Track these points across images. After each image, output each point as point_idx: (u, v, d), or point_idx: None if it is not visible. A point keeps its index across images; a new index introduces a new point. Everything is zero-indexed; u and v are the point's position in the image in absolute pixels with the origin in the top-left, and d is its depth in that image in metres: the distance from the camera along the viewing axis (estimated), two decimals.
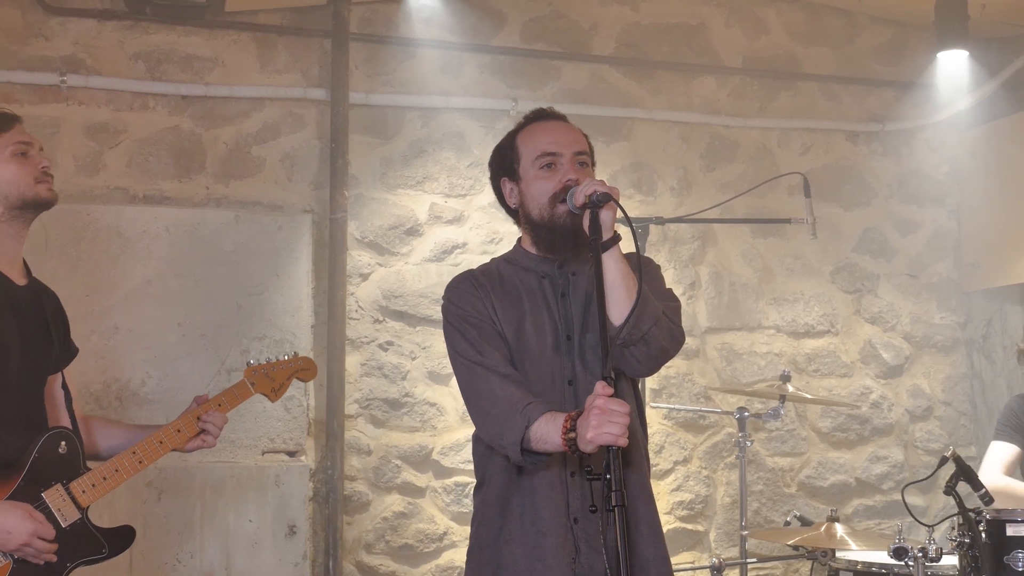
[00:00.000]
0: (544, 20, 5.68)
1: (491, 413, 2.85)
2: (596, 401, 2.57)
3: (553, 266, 3.04)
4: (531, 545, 2.86)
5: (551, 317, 2.99)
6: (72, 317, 4.75)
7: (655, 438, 5.59)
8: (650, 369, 2.94)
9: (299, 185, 5.27)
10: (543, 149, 3.02)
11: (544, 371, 2.94)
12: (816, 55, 6.07)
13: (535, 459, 2.80)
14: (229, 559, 4.81)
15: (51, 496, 3.10)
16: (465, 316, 2.97)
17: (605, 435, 2.54)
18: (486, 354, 2.91)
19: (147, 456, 3.28)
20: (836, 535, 4.33)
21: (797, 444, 5.83)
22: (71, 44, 5.06)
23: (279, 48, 5.31)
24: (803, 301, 5.90)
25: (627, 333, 2.80)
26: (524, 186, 3.04)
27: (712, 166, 5.84)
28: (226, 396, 3.49)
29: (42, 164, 3.24)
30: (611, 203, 2.84)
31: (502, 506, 2.93)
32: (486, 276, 3.07)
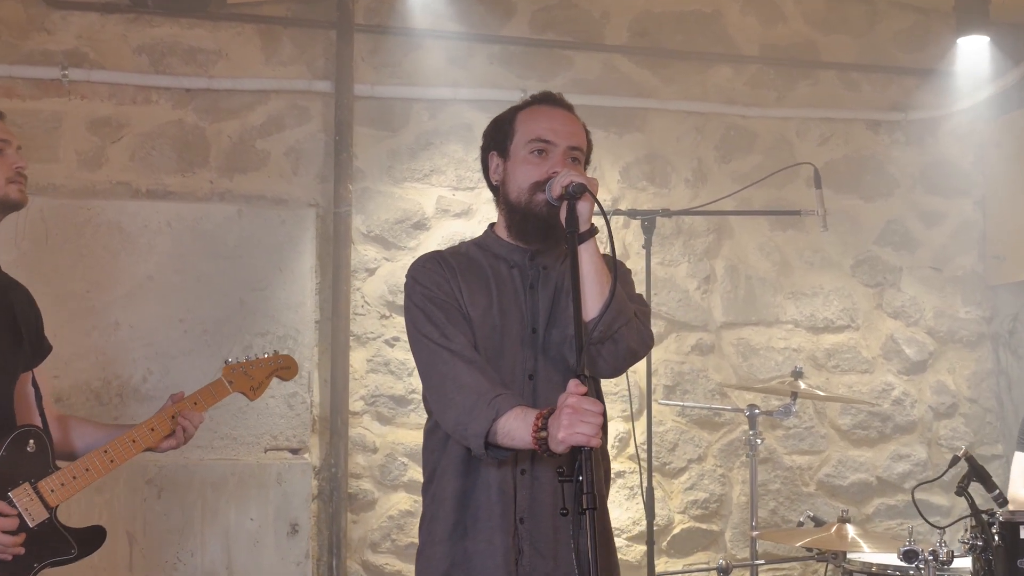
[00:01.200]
0: (554, 9, 5.56)
1: (455, 401, 2.74)
2: (569, 400, 2.47)
3: (524, 256, 2.93)
4: (486, 542, 2.77)
5: (518, 308, 2.88)
6: (72, 313, 4.75)
7: (668, 435, 5.48)
8: (616, 370, 2.82)
9: (304, 179, 5.20)
10: (538, 134, 2.91)
11: (505, 363, 2.83)
12: (835, 43, 5.91)
13: (498, 453, 2.70)
14: (230, 558, 4.75)
15: (18, 495, 3.05)
16: (431, 297, 2.86)
17: (577, 435, 2.43)
18: (452, 337, 2.80)
19: (119, 455, 3.22)
20: (847, 536, 4.20)
21: (816, 442, 5.69)
22: (74, 38, 5.01)
23: (284, 40, 5.24)
24: (822, 295, 5.75)
25: (598, 330, 2.69)
26: (510, 165, 2.94)
27: (728, 157, 5.71)
28: (202, 394, 3.42)
29: (16, 164, 3.18)
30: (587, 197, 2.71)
31: (459, 501, 2.82)
32: (454, 257, 2.96)
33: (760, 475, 5.54)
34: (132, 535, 4.65)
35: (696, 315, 5.58)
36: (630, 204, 5.47)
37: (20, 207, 3.24)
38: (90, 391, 4.73)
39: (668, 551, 5.45)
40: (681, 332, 5.56)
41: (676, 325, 5.56)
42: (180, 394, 3.40)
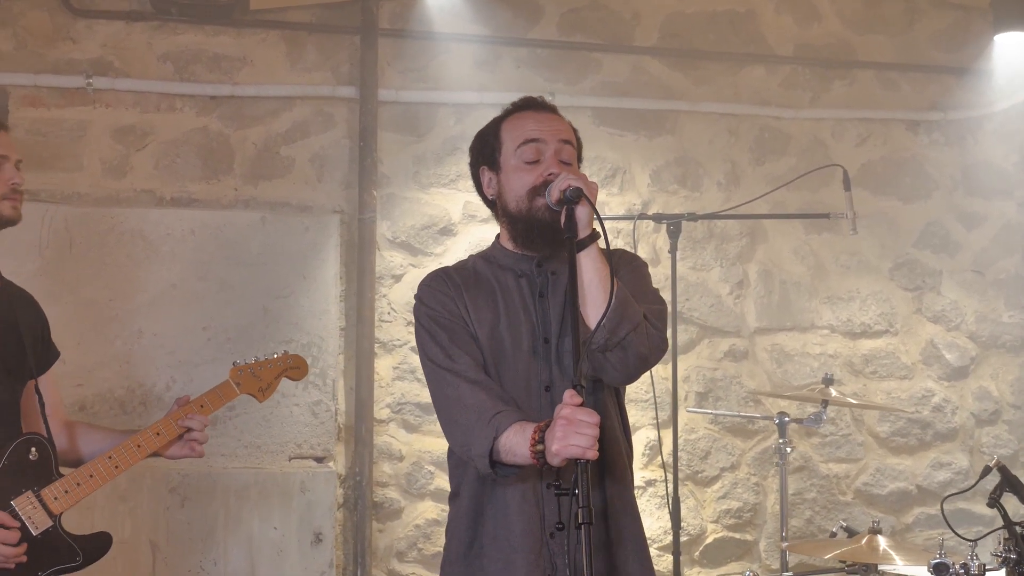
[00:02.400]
0: (583, 11, 5.49)
1: (459, 422, 2.69)
2: (562, 411, 2.40)
3: (532, 264, 2.86)
4: (503, 561, 2.70)
5: (528, 319, 2.81)
6: (96, 321, 4.75)
7: (701, 443, 5.38)
8: (627, 377, 2.74)
9: (329, 185, 5.16)
10: (525, 136, 2.83)
11: (519, 376, 2.76)
12: (872, 42, 5.78)
13: (506, 471, 2.63)
14: (254, 567, 4.72)
15: (21, 503, 3.02)
16: (435, 317, 2.81)
17: (572, 447, 2.36)
18: (456, 358, 2.75)
19: (123, 461, 3.19)
20: (879, 548, 4.07)
21: (853, 450, 5.56)
22: (99, 46, 5.02)
23: (308, 46, 5.21)
24: (859, 299, 5.62)
25: (604, 338, 2.61)
26: (503, 177, 2.87)
27: (762, 159, 5.60)
28: (209, 397, 3.37)
29: (12, 181, 3.16)
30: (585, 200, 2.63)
31: (473, 519, 2.77)
32: (460, 274, 2.90)
33: (796, 484, 5.44)
34: (155, 543, 4.64)
35: (729, 320, 5.47)
36: (661, 208, 5.39)
37: (13, 223, 3.23)
38: (114, 399, 4.72)
39: (700, 561, 5.35)
40: (713, 338, 5.46)
41: (708, 331, 5.45)
42: (186, 398, 3.36)
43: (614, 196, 5.40)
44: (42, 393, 3.21)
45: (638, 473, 5.26)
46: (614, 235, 5.25)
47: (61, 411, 3.39)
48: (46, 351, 3.37)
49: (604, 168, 5.40)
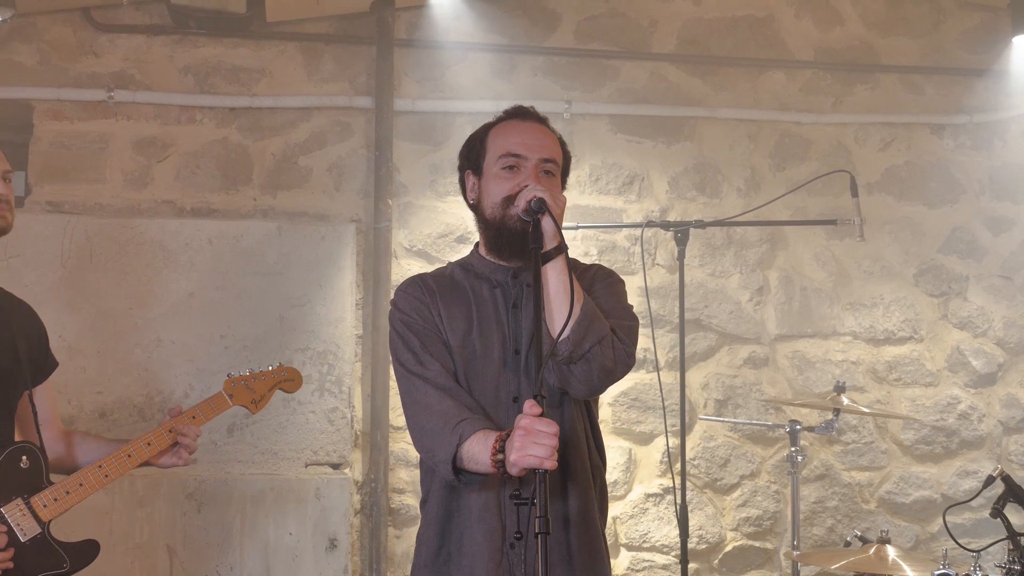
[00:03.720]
0: (600, 18, 5.50)
1: (425, 427, 2.71)
2: (521, 421, 2.41)
3: (507, 275, 2.88)
4: (468, 568, 2.72)
5: (500, 329, 2.83)
6: (116, 330, 4.84)
7: (720, 451, 5.35)
8: (591, 390, 2.74)
9: (346, 195, 5.22)
10: (508, 149, 2.87)
11: (488, 385, 2.79)
12: (896, 45, 5.72)
13: (469, 478, 2.65)
14: (269, 572, 4.77)
15: (10, 510, 3.10)
16: (409, 323, 2.84)
17: (529, 457, 2.38)
18: (427, 364, 2.78)
19: (113, 470, 3.25)
20: (887, 558, 4.03)
21: (876, 457, 5.49)
22: (120, 60, 5.12)
23: (326, 57, 5.27)
24: (883, 306, 5.56)
25: (568, 350, 2.62)
26: (484, 183, 2.91)
27: (782, 165, 5.56)
28: (201, 408, 3.44)
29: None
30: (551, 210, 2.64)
31: (441, 526, 2.79)
32: (436, 281, 2.93)
33: (817, 492, 5.39)
34: (172, 548, 4.71)
35: (749, 327, 5.44)
36: (680, 215, 5.38)
37: (3, 233, 3.29)
38: (133, 407, 4.80)
39: (720, 569, 5.32)
40: (733, 345, 5.43)
41: (728, 338, 5.43)
42: (178, 408, 3.43)
43: (632, 203, 5.40)
44: (37, 403, 3.29)
45: (655, 481, 5.27)
46: (631, 242, 5.26)
47: (58, 421, 3.46)
48: (43, 362, 3.44)
49: (621, 175, 5.40)
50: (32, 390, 3.30)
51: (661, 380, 4.92)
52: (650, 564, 5.24)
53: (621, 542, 5.25)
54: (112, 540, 4.64)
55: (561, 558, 2.73)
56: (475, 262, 2.96)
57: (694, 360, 5.38)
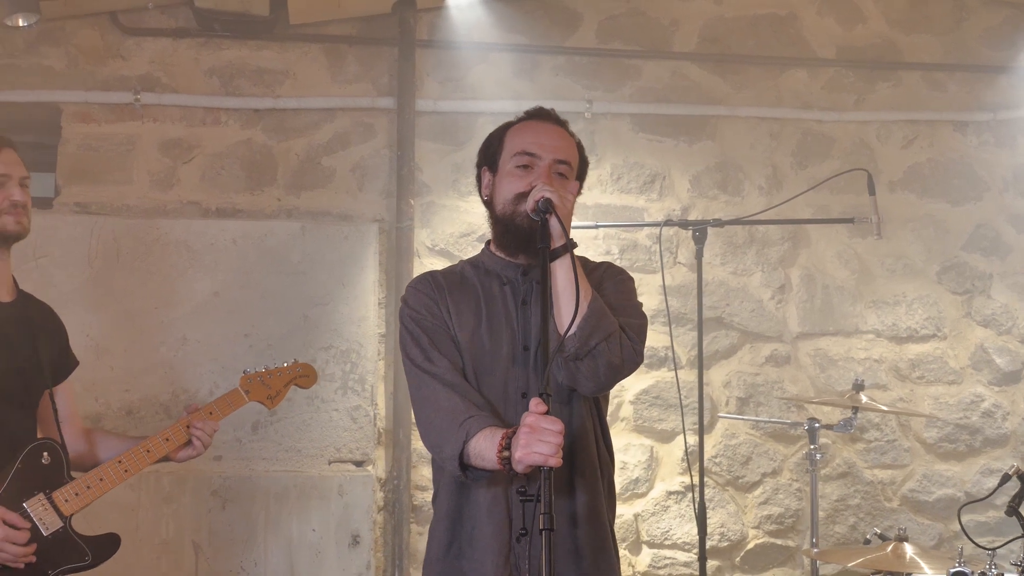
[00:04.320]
0: (621, 18, 5.52)
1: (433, 423, 2.76)
2: (527, 419, 2.45)
3: (517, 272, 2.92)
4: (477, 562, 2.76)
5: (509, 326, 2.86)
6: (142, 329, 4.92)
7: (741, 448, 5.36)
8: (598, 386, 2.77)
9: (369, 195, 5.27)
10: (523, 147, 2.91)
11: (497, 382, 2.82)
12: (919, 42, 5.71)
13: (477, 474, 2.69)
14: (293, 568, 4.84)
15: (33, 505, 3.17)
16: (418, 319, 2.89)
17: (534, 455, 2.41)
18: (435, 361, 2.82)
19: (133, 465, 3.32)
20: (905, 556, 4.03)
21: (899, 455, 5.49)
22: (147, 63, 5.20)
23: (349, 58, 5.33)
24: (905, 303, 5.55)
25: (575, 346, 2.66)
26: (498, 180, 2.95)
27: (804, 163, 5.56)
28: (218, 404, 3.51)
29: (12, 197, 3.29)
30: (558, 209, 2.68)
31: (451, 520, 2.83)
32: (446, 278, 2.98)
33: (839, 490, 5.40)
34: (198, 544, 4.78)
35: (770, 325, 5.45)
36: (701, 213, 5.40)
37: (20, 237, 3.36)
38: (159, 404, 4.88)
39: (741, 567, 5.34)
40: (755, 343, 5.44)
41: (749, 336, 5.44)
42: (194, 405, 3.51)
43: (653, 202, 5.42)
44: (57, 402, 3.37)
45: (677, 478, 5.29)
46: (652, 241, 5.29)
47: (78, 419, 3.55)
48: (64, 361, 3.52)
49: (643, 174, 5.42)
50: (53, 389, 3.38)
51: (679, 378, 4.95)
52: (671, 561, 5.26)
53: (643, 539, 5.28)
54: (139, 536, 4.72)
55: (569, 554, 2.76)
56: (485, 259, 3.00)
57: (716, 358, 5.40)
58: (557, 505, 2.73)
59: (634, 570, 5.26)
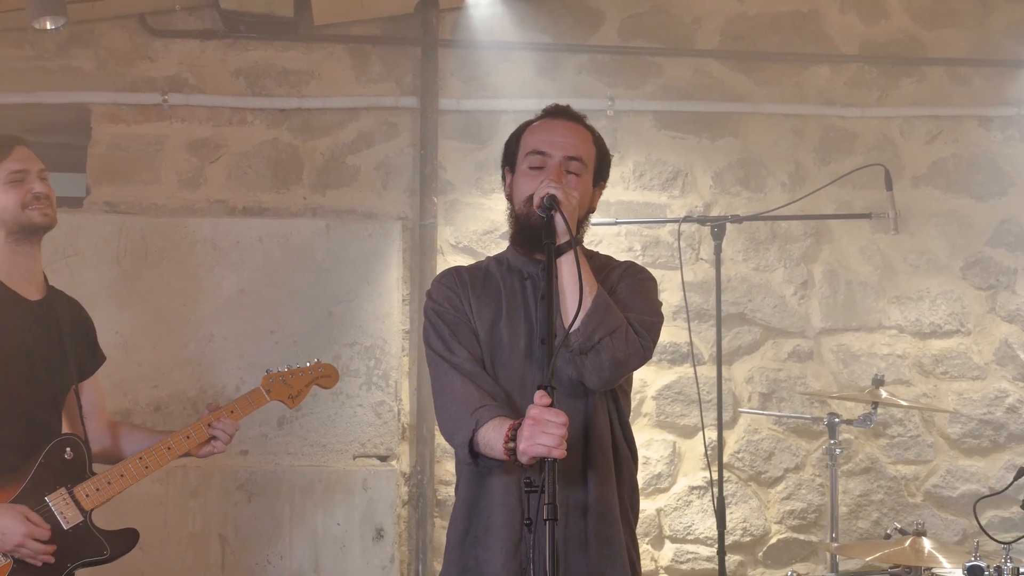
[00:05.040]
0: (643, 16, 5.55)
1: (448, 410, 2.83)
2: (531, 411, 2.49)
3: (538, 268, 2.96)
4: (491, 550, 2.81)
5: (527, 320, 2.92)
6: (170, 326, 5.00)
7: (764, 444, 5.38)
8: (603, 381, 2.81)
9: (393, 193, 5.33)
10: (535, 146, 2.96)
11: (514, 374, 2.87)
12: (943, 37, 5.70)
13: (488, 462, 2.75)
14: (318, 561, 4.91)
15: (54, 499, 3.25)
16: (440, 312, 2.95)
17: (538, 446, 2.45)
18: (455, 351, 2.88)
19: (153, 461, 3.39)
20: (923, 550, 4.04)
21: (923, 451, 5.49)
22: (175, 64, 5.28)
23: (373, 58, 5.39)
24: (929, 299, 5.55)
25: (579, 341, 2.71)
26: (515, 179, 3.01)
27: (827, 159, 5.57)
28: (239, 403, 3.58)
29: (33, 190, 3.35)
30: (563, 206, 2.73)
31: (468, 508, 2.89)
32: (471, 273, 3.04)
33: (862, 485, 5.41)
34: (224, 537, 4.86)
35: (793, 321, 5.47)
36: (724, 210, 5.42)
37: (47, 228, 3.42)
38: (187, 400, 4.96)
39: (764, 561, 5.36)
40: (778, 339, 5.46)
41: (772, 332, 5.46)
42: (216, 403, 3.57)
43: (676, 199, 5.45)
44: (83, 397, 3.45)
45: (699, 474, 5.31)
46: (675, 237, 5.31)
47: (105, 413, 3.62)
48: (90, 357, 3.60)
49: (665, 171, 5.45)
50: (79, 384, 3.46)
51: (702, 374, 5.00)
52: (694, 556, 5.29)
53: (665, 534, 5.31)
54: (166, 529, 4.81)
55: (579, 545, 2.80)
56: (509, 256, 3.06)
57: (738, 354, 5.42)
58: (569, 497, 2.79)
59: (657, 564, 5.29)
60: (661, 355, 5.36)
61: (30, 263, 3.41)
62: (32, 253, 3.41)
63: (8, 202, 3.32)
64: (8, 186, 3.33)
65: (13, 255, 3.37)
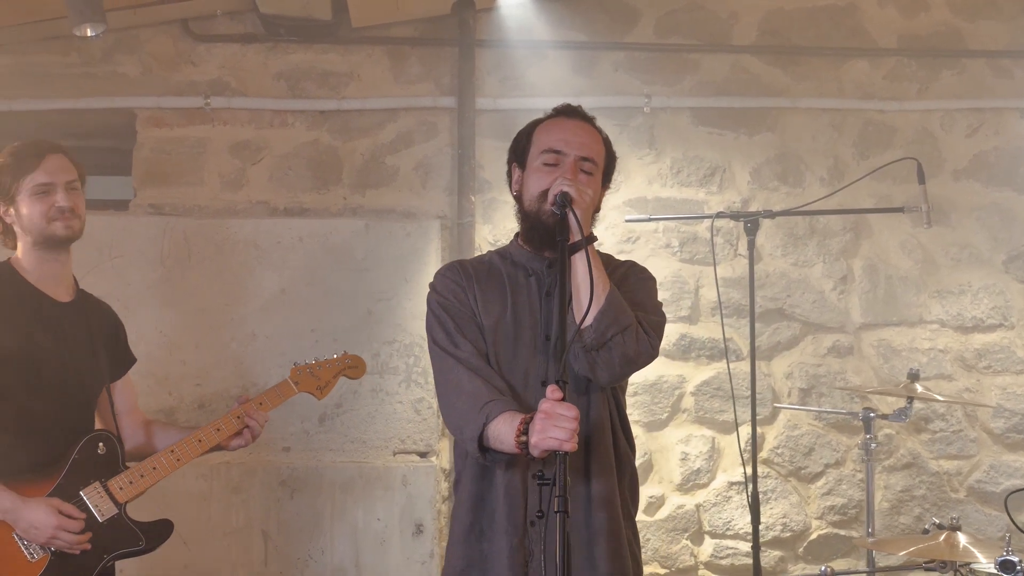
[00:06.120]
0: (679, 13, 5.56)
1: (456, 406, 2.86)
2: (543, 405, 2.54)
3: (543, 264, 3.01)
4: (496, 544, 2.85)
5: (532, 315, 2.96)
6: (213, 326, 5.10)
7: (804, 439, 5.37)
8: (613, 377, 2.85)
9: (433, 192, 5.39)
10: (549, 145, 3.00)
11: (518, 369, 2.91)
12: (984, 29, 5.65)
13: (495, 457, 2.79)
14: (358, 556, 4.98)
15: (89, 493, 3.35)
16: (445, 305, 3.00)
17: (549, 440, 2.50)
18: (460, 345, 2.92)
19: (185, 454, 3.47)
20: (958, 545, 4.02)
21: (965, 446, 5.44)
22: (217, 68, 5.38)
23: (412, 59, 5.45)
24: (971, 293, 5.50)
25: (591, 338, 2.74)
26: (526, 176, 3.05)
27: (867, 153, 5.54)
28: (268, 395, 3.65)
29: (57, 204, 3.43)
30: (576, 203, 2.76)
31: (473, 503, 2.93)
32: (474, 266, 3.09)
33: (904, 481, 5.38)
34: (267, 533, 4.95)
35: (832, 316, 5.45)
36: (762, 205, 5.41)
37: (72, 240, 3.50)
38: (230, 397, 5.03)
39: (805, 557, 5.35)
40: (817, 334, 5.44)
41: (811, 327, 5.44)
42: (245, 396, 3.65)
43: (713, 195, 5.45)
44: (115, 396, 3.55)
45: (739, 469, 5.30)
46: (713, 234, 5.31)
47: (138, 412, 3.72)
48: (121, 358, 3.70)
49: (703, 167, 5.46)
50: (111, 385, 3.55)
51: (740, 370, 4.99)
52: (733, 551, 5.29)
53: (705, 530, 5.32)
54: (210, 525, 4.90)
55: (582, 540, 2.84)
56: (513, 251, 3.10)
57: (777, 350, 5.42)
58: (573, 491, 2.81)
59: (696, 560, 5.30)
60: (700, 351, 5.37)
61: (58, 268, 3.50)
62: (60, 259, 3.50)
63: (33, 214, 3.42)
64: (34, 198, 3.41)
65: (41, 262, 3.46)
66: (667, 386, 5.34)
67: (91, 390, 3.51)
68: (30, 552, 3.25)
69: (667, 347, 5.31)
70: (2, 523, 3.25)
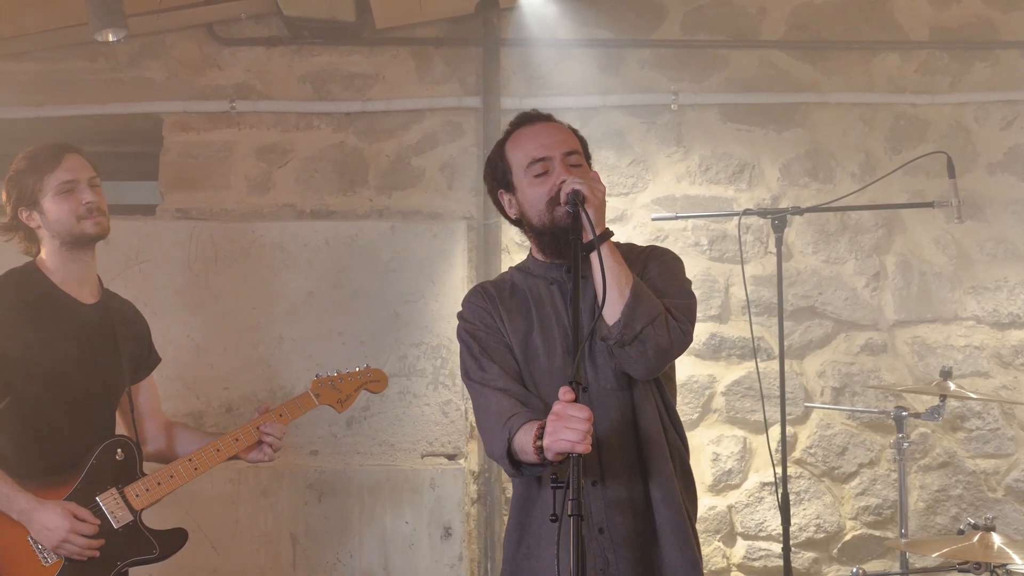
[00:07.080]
0: (706, 9, 5.50)
1: (487, 428, 2.84)
2: (555, 407, 2.50)
3: (562, 271, 2.97)
4: (544, 560, 2.80)
5: (560, 324, 2.92)
6: (240, 329, 5.10)
7: (837, 439, 5.29)
8: (648, 370, 2.81)
9: (459, 192, 5.36)
10: (531, 156, 2.95)
11: (555, 380, 2.84)
12: (1017, 20, 5.55)
13: (530, 470, 2.75)
14: (387, 559, 4.96)
15: (105, 499, 3.34)
16: (471, 330, 2.98)
17: (561, 442, 2.45)
18: (486, 368, 2.90)
19: (203, 463, 3.45)
20: (993, 546, 3.94)
21: (1003, 444, 5.35)
22: (242, 71, 5.38)
23: (436, 60, 5.43)
24: (1007, 288, 5.40)
25: (619, 333, 2.70)
26: (520, 196, 2.99)
27: (898, 148, 5.46)
28: (288, 407, 3.63)
29: (86, 201, 3.43)
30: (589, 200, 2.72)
31: (520, 521, 2.91)
32: (497, 288, 3.05)
33: (940, 480, 5.30)
34: (295, 536, 4.94)
35: (865, 314, 5.37)
36: (792, 201, 5.34)
37: (100, 238, 3.49)
38: (258, 400, 5.03)
39: (839, 558, 5.27)
40: (850, 332, 5.37)
41: (844, 325, 5.37)
42: (265, 406, 3.63)
43: (743, 192, 5.39)
44: (137, 398, 3.54)
45: (771, 469, 5.23)
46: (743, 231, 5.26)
47: (160, 414, 3.71)
48: (145, 359, 3.68)
49: (731, 164, 5.40)
50: (133, 386, 3.55)
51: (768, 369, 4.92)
52: (766, 553, 5.23)
53: (737, 531, 5.26)
54: (239, 528, 4.90)
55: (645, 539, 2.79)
56: (531, 265, 3.07)
57: (810, 348, 5.35)
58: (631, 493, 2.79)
59: (729, 562, 5.24)
60: (731, 350, 5.31)
61: (84, 269, 3.49)
62: (86, 260, 3.50)
63: (61, 213, 3.41)
64: (59, 197, 3.41)
65: (67, 263, 3.46)
66: (697, 386, 5.28)
67: (113, 394, 3.51)
68: (44, 556, 3.25)
69: (697, 347, 5.26)
70: (18, 525, 3.25)
